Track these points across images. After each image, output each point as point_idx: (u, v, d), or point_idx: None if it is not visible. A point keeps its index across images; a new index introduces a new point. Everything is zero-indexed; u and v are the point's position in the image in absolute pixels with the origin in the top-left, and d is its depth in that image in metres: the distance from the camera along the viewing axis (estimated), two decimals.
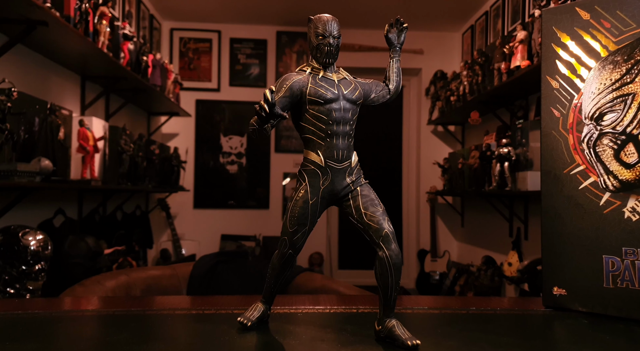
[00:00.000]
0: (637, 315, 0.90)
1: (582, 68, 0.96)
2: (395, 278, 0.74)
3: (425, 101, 5.14)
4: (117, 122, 3.77)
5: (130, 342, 0.72)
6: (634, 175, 0.91)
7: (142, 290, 1.77)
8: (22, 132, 2.58)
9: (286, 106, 0.77)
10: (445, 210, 5.05)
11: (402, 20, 0.88)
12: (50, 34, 2.56)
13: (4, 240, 2.37)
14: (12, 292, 2.38)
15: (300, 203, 0.78)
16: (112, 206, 3.85)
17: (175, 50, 4.93)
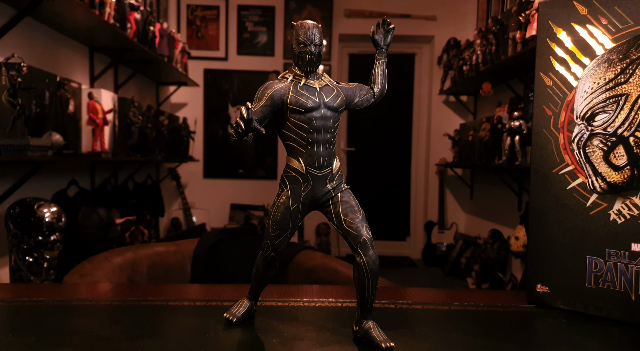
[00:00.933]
0: (617, 315, 0.91)
1: (576, 66, 0.94)
2: (372, 283, 0.76)
3: (437, 70, 5.05)
4: (126, 93, 3.79)
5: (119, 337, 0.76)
6: (622, 178, 0.90)
7: (147, 266, 1.82)
8: (33, 106, 2.62)
9: (267, 114, 0.77)
10: (455, 182, 5.04)
11: (389, 21, 0.86)
12: (56, 7, 2.56)
13: (21, 212, 2.45)
14: (31, 260, 2.48)
15: (282, 209, 0.79)
16: (123, 176, 3.91)
17: (183, 18, 4.88)
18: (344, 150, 5.30)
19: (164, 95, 4.71)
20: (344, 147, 5.31)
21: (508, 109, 3.54)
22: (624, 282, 0.90)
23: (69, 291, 1.04)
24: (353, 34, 5.00)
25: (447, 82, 4.78)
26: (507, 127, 3.26)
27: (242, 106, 0.69)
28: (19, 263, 2.43)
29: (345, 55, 5.30)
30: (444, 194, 5.06)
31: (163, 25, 3.90)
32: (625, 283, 0.90)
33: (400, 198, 5.40)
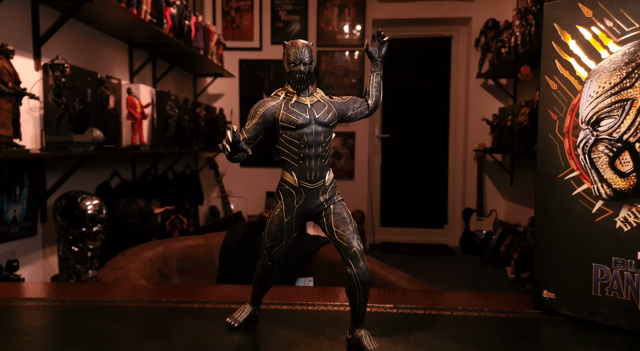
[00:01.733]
0: (623, 324, 0.90)
1: (581, 69, 0.92)
2: (362, 294, 0.79)
3: (475, 52, 4.92)
4: (164, 87, 3.91)
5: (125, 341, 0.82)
6: (628, 184, 0.88)
7: (177, 259, 1.91)
8: (76, 104, 2.76)
9: (260, 131, 0.80)
10: (494, 168, 4.94)
11: (383, 33, 0.87)
12: (96, 8, 2.67)
13: (66, 205, 2.61)
14: (76, 250, 2.64)
15: (276, 221, 0.82)
16: (163, 166, 4.06)
17: (218, 10, 4.95)
18: (378, 137, 5.28)
19: (201, 86, 4.82)
20: (378, 134, 5.28)
21: None
22: (630, 291, 0.88)
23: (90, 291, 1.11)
24: (387, 19, 4.93)
25: (485, 65, 4.66)
26: None
27: (228, 130, 0.72)
28: (66, 252, 2.59)
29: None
30: (482, 180, 4.96)
31: (198, 19, 3.98)
32: (632, 292, 0.88)
33: (437, 184, 5.33)
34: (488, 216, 4.86)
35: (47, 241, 2.71)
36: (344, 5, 4.85)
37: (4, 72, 1.88)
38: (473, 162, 5.02)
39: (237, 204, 4.89)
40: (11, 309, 0.97)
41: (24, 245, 2.52)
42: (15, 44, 2.33)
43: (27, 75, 2.46)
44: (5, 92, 1.88)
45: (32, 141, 2.53)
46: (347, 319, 0.92)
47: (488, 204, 4.99)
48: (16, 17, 2.43)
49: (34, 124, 2.56)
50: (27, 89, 2.12)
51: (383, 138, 5.27)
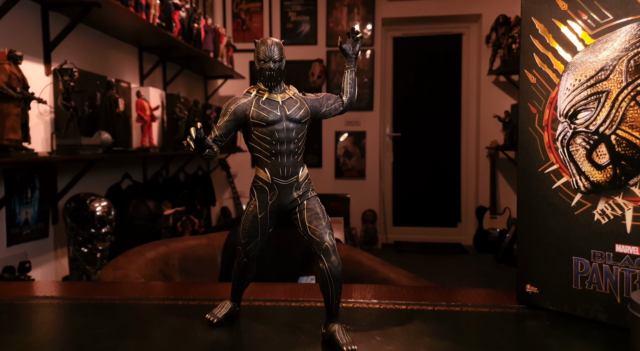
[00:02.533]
0: (603, 317, 0.89)
1: (558, 62, 0.91)
2: (335, 288, 0.79)
3: (486, 49, 4.88)
4: (175, 89, 3.96)
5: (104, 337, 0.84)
6: (605, 177, 0.87)
7: (179, 260, 1.94)
8: (86, 107, 2.83)
9: (231, 129, 0.82)
10: (507, 165, 4.88)
11: (357, 29, 0.88)
12: (104, 13, 2.74)
13: (75, 206, 2.67)
14: (86, 251, 2.70)
15: (250, 217, 0.84)
16: (174, 168, 4.11)
17: (228, 12, 5.00)
18: (389, 135, 5.26)
19: (212, 88, 4.88)
20: (389, 132, 5.27)
21: None
22: (609, 284, 0.88)
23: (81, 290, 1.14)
24: (396, 18, 4.91)
25: (497, 62, 4.61)
26: None
27: (192, 127, 0.74)
28: (76, 253, 2.65)
29: (389, 38, 5.23)
30: (495, 178, 4.91)
31: (207, 21, 4.03)
32: (611, 285, 0.88)
33: (450, 183, 5.29)
34: (502, 214, 4.81)
35: (59, 243, 2.77)
36: (353, 4, 4.86)
37: (13, 77, 1.94)
38: (486, 159, 4.97)
39: None
40: None
41: (36, 247, 2.59)
42: (26, 50, 2.40)
43: (38, 80, 2.53)
44: (14, 97, 1.94)
45: (43, 145, 2.60)
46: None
47: (501, 202, 4.93)
48: (27, 24, 2.50)
49: (44, 128, 2.63)
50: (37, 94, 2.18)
51: (394, 137, 5.26)
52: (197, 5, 4.49)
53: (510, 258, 4.38)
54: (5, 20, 2.25)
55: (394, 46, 5.21)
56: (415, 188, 5.33)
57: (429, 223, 5.35)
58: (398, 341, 0.83)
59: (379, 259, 1.98)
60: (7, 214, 2.37)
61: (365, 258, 1.94)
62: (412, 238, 5.22)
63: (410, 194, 5.34)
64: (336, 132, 4.93)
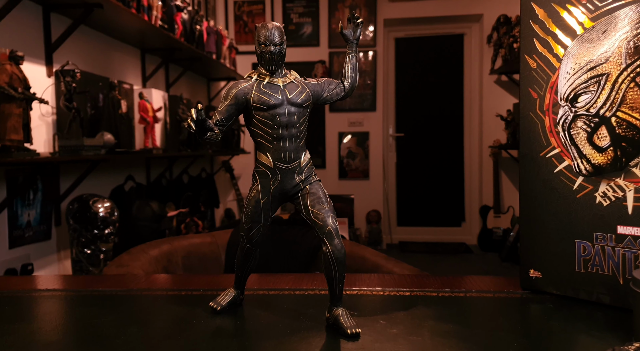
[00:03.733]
0: (606, 299, 0.89)
1: (558, 47, 0.92)
2: (338, 271, 0.80)
3: (487, 49, 4.89)
4: (178, 91, 3.98)
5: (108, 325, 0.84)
6: (606, 159, 0.87)
7: (182, 257, 1.94)
8: (88, 108, 2.84)
9: (233, 113, 0.82)
10: (510, 164, 4.88)
11: (358, 15, 0.88)
12: (107, 14, 2.74)
13: (78, 208, 2.68)
14: (89, 252, 2.70)
15: (253, 202, 0.84)
16: (178, 170, 4.12)
17: (231, 15, 5.02)
18: (392, 136, 5.27)
19: (215, 90, 4.89)
20: (392, 133, 5.27)
21: None
22: (611, 266, 0.88)
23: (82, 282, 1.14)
24: (398, 18, 4.93)
25: (498, 61, 4.62)
26: None
27: (193, 108, 0.74)
28: (79, 254, 2.66)
29: (391, 39, 5.24)
30: (499, 177, 4.91)
31: (210, 24, 4.05)
32: (613, 267, 0.87)
33: (453, 182, 5.29)
34: (505, 213, 4.80)
35: (62, 245, 2.78)
36: (354, 5, 4.87)
37: (14, 77, 1.95)
38: (489, 159, 4.97)
39: None
40: None
41: (39, 249, 2.59)
42: (28, 51, 2.42)
43: (39, 81, 2.54)
44: (15, 97, 1.95)
45: (46, 146, 2.61)
46: None
47: (505, 201, 4.92)
48: (28, 25, 2.51)
49: (47, 130, 2.64)
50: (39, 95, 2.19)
51: (397, 137, 5.26)
52: (199, 8, 4.51)
53: (514, 257, 4.37)
54: (7, 21, 2.26)
55: (396, 47, 5.23)
56: (419, 187, 5.32)
57: (433, 222, 5.34)
58: (402, 324, 0.83)
59: (382, 254, 1.98)
60: (9, 216, 2.38)
61: (369, 254, 1.94)
62: (416, 238, 5.21)
63: (414, 194, 5.33)
64: (339, 133, 4.94)
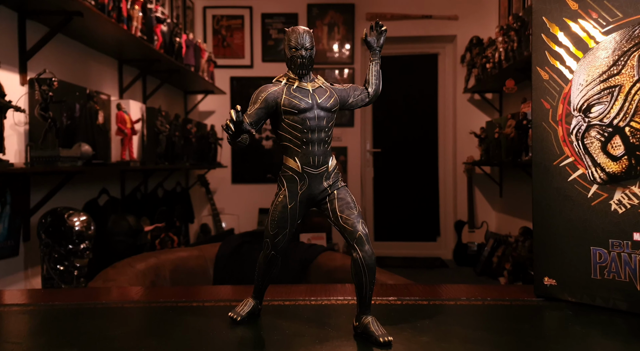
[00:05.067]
0: (623, 306, 0.91)
1: (570, 59, 0.95)
2: (369, 278, 0.79)
3: (461, 68, 5.01)
4: (155, 103, 3.91)
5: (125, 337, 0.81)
6: (621, 167, 0.90)
7: (170, 271, 1.89)
8: (64, 118, 2.74)
9: (262, 117, 0.81)
10: (483, 180, 4.98)
11: (382, 23, 0.89)
12: (86, 23, 2.68)
13: (52, 221, 2.56)
14: (62, 269, 2.58)
15: (280, 208, 0.82)
16: (153, 183, 4.03)
17: (209, 29, 5.00)
18: (370, 151, 5.31)
19: (192, 103, 4.84)
20: (370, 148, 5.32)
21: None
22: (628, 272, 0.90)
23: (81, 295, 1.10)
24: None
25: (471, 81, 4.74)
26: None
27: (232, 109, 0.73)
28: (51, 271, 2.53)
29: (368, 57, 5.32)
30: (472, 192, 5.00)
31: (189, 36, 4.02)
32: (630, 273, 0.90)
33: (429, 198, 5.36)
34: (479, 228, 4.88)
35: (30, 262, 2.63)
36: (333, 24, 4.93)
37: None
38: (463, 175, 5.06)
39: (229, 222, 4.86)
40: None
41: (5, 266, 2.45)
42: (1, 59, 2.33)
43: (13, 90, 2.44)
44: None
45: (16, 157, 2.49)
46: (351, 311, 0.92)
47: (479, 216, 5.01)
48: (2, 32, 2.43)
49: (18, 140, 2.53)
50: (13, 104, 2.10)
51: (375, 153, 5.31)
52: (177, 21, 4.48)
53: (489, 271, 4.44)
54: None
55: None
56: (396, 203, 5.37)
57: (410, 237, 5.39)
58: (430, 332, 0.82)
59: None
60: None
61: None
62: (393, 252, 5.23)
63: (391, 209, 5.37)
64: None
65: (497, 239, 4.46)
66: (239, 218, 4.92)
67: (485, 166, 4.82)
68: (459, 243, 4.93)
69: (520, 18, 3.69)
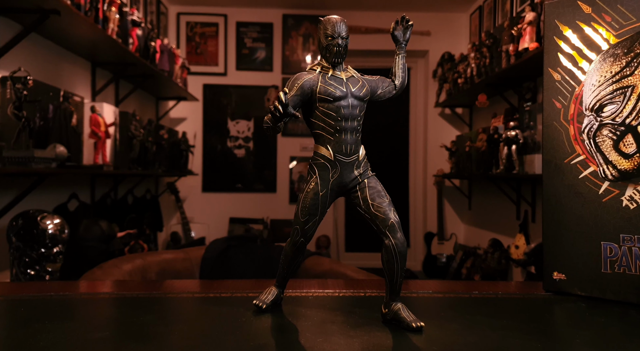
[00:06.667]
0: (633, 298, 0.94)
1: (583, 61, 0.99)
2: (400, 265, 0.79)
3: (433, 83, 5.14)
4: (127, 108, 3.82)
5: (155, 323, 0.78)
6: (632, 165, 0.94)
7: (156, 273, 1.83)
8: (37, 119, 2.64)
9: (297, 104, 0.81)
10: (453, 193, 5.09)
11: (408, 18, 0.91)
12: (62, 23, 2.60)
13: (23, 224, 2.44)
14: (33, 273, 2.46)
15: (311, 195, 0.82)
16: (123, 190, 3.92)
17: (182, 35, 4.95)
18: None
19: (164, 110, 4.75)
20: None
21: (504, 120, 3.61)
22: (638, 266, 0.93)
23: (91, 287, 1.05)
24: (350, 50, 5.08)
25: (443, 95, 4.86)
26: (503, 137, 3.33)
27: (280, 92, 0.72)
28: (20, 276, 2.41)
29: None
30: (442, 205, 5.10)
31: (164, 41, 3.96)
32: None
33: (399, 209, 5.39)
34: (448, 240, 4.97)
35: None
36: (308, 35, 4.97)
37: None
38: (433, 187, 5.16)
39: (199, 230, 4.76)
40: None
41: None
42: None
43: None
44: None
45: None
46: (372, 302, 0.92)
47: (448, 228, 5.11)
48: None
49: None
50: None
51: None
52: (152, 26, 4.41)
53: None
54: None
55: None
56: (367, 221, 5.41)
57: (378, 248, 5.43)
58: (457, 321, 0.83)
59: (362, 271, 1.98)
60: None
61: (350, 271, 1.94)
62: (363, 263, 5.23)
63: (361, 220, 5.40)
64: (291, 157, 4.94)
65: (466, 251, 4.55)
66: (209, 227, 4.83)
67: (455, 179, 4.93)
68: (428, 254, 5.00)
69: (492, 35, 3.83)
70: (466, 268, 4.44)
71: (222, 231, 4.84)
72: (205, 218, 4.89)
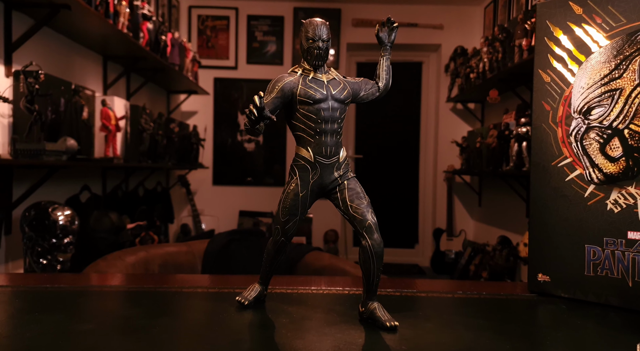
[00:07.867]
0: (615, 301, 0.94)
1: (573, 62, 0.99)
2: (376, 265, 0.80)
3: (445, 77, 5.10)
4: (138, 101, 3.87)
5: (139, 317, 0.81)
6: (618, 168, 0.94)
7: (159, 265, 1.87)
8: (49, 112, 2.70)
9: (278, 106, 0.82)
10: (463, 189, 5.06)
11: (393, 19, 0.91)
12: (73, 17, 2.65)
13: (36, 215, 2.51)
14: (45, 263, 2.53)
15: (292, 195, 0.84)
16: (134, 182, 3.98)
17: (194, 28, 4.98)
18: (352, 157, 5.35)
19: (175, 103, 4.80)
20: (352, 154, 5.36)
21: (515, 116, 3.58)
22: (621, 269, 0.93)
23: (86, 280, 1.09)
24: (361, 43, 5.06)
25: (455, 90, 4.82)
26: (514, 134, 3.30)
27: (255, 95, 0.74)
28: (33, 265, 2.49)
29: (353, 63, 5.37)
30: (452, 201, 5.08)
31: (174, 35, 4.00)
32: (623, 270, 0.93)
33: (408, 205, 5.42)
34: (457, 236, 4.95)
35: (12, 256, 2.58)
36: None
37: None
38: (443, 183, 5.14)
39: (209, 223, 4.82)
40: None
41: None
42: None
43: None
44: None
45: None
46: (354, 300, 0.94)
47: (457, 224, 5.09)
48: None
49: (2, 133, 2.48)
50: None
51: (356, 159, 5.35)
52: (163, 20, 4.45)
53: (466, 279, 4.51)
54: None
55: (358, 70, 5.37)
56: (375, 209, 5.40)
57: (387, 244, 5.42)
58: (434, 320, 0.84)
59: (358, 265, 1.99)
60: None
61: (349, 266, 1.95)
62: None
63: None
64: None
65: (475, 248, 4.54)
66: (219, 220, 4.88)
67: (465, 175, 4.91)
68: (436, 250, 5.00)
69: (505, 29, 3.78)
70: (474, 265, 4.43)
71: (232, 223, 4.89)
72: (215, 211, 4.94)
